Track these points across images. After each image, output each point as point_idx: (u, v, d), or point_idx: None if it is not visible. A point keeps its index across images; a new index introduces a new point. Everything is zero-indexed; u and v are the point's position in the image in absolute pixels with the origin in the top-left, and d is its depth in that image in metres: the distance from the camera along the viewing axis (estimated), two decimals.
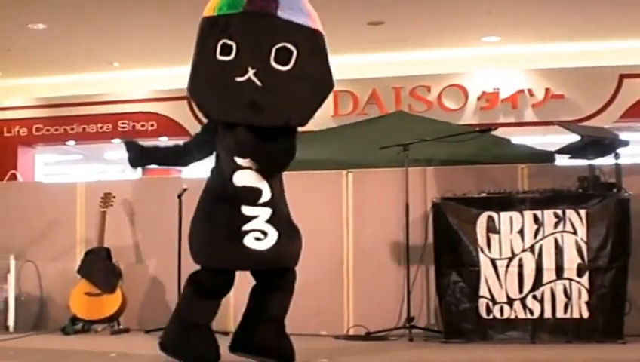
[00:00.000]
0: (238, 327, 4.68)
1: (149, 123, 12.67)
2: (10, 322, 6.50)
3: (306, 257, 4.62)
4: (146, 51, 11.36)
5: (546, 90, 11.26)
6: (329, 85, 4.48)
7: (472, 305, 5.49)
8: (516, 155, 6.56)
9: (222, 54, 4.36)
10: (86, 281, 6.34)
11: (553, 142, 7.32)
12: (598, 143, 5.66)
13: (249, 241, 4.32)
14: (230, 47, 4.36)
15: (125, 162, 4.87)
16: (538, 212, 5.49)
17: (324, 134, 7.59)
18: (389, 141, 6.03)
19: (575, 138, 5.72)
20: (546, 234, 5.46)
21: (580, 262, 5.40)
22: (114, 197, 6.52)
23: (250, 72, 4.33)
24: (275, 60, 4.35)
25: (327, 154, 6.78)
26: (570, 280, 5.39)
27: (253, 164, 4.38)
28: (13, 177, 8.09)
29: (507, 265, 5.48)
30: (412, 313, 5.78)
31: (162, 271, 6.46)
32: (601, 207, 5.43)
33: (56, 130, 13.01)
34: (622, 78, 10.98)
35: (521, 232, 5.49)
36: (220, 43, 4.36)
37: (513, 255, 5.49)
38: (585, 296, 5.36)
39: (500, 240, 5.51)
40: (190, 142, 4.76)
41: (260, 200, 4.38)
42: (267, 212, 4.38)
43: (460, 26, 10.25)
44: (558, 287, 5.40)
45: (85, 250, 6.56)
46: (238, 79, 4.33)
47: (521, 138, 8.56)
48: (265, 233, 4.35)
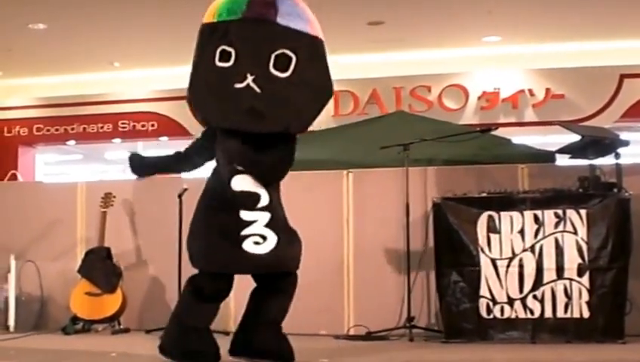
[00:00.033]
0: (238, 330, 4.68)
1: (150, 123, 12.67)
2: (11, 322, 6.50)
3: (307, 257, 4.61)
4: (146, 51, 11.36)
5: (547, 90, 11.26)
6: (328, 92, 4.46)
7: (473, 305, 5.48)
8: (517, 155, 6.55)
9: (221, 60, 4.35)
10: (86, 281, 6.34)
11: (554, 142, 7.31)
12: (599, 143, 5.66)
13: (248, 246, 4.32)
14: (229, 54, 4.34)
15: (125, 162, 4.88)
16: (538, 212, 5.48)
17: (325, 134, 7.58)
18: (390, 141, 6.03)
19: (575, 138, 5.72)
20: (546, 234, 5.45)
21: (581, 261, 5.39)
22: (114, 197, 6.52)
23: (249, 79, 4.31)
24: (274, 67, 4.33)
25: (327, 154, 6.78)
26: (571, 280, 5.39)
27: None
28: (14, 177, 8.08)
29: (507, 265, 5.47)
30: (412, 313, 5.77)
31: (163, 271, 6.46)
32: (602, 207, 5.43)
33: (56, 129, 13.00)
34: (622, 77, 10.98)
35: (521, 232, 5.49)
36: (219, 49, 4.35)
37: (514, 255, 5.48)
38: (585, 296, 5.36)
39: (501, 240, 5.50)
40: (190, 148, 4.74)
41: (259, 205, 4.37)
42: (266, 216, 4.37)
43: (461, 25, 10.24)
44: (559, 287, 5.40)
45: (86, 249, 6.56)
46: (237, 86, 4.32)
47: (521, 138, 8.54)
48: (264, 237, 4.34)
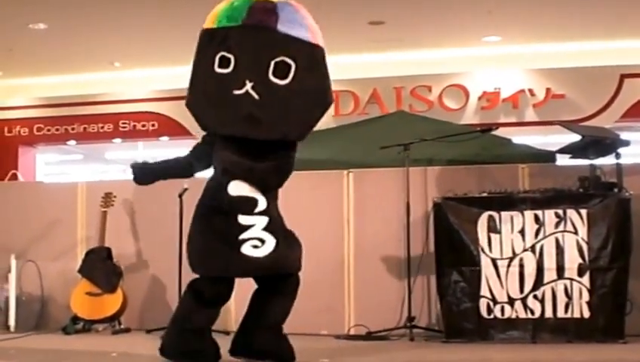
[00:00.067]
0: (238, 331, 4.68)
1: (150, 123, 12.66)
2: (11, 322, 6.50)
3: (307, 257, 4.62)
4: (146, 51, 11.35)
5: (547, 89, 11.25)
6: (327, 100, 4.44)
7: (473, 305, 5.48)
8: (517, 155, 6.55)
9: (220, 67, 4.35)
10: (87, 281, 6.34)
11: (554, 141, 7.32)
12: (599, 143, 5.66)
13: (247, 249, 4.32)
14: (228, 60, 4.34)
15: (126, 162, 4.88)
16: (539, 212, 5.48)
17: (325, 134, 7.53)
18: (390, 141, 6.03)
19: (576, 138, 5.72)
20: (546, 233, 5.45)
21: (581, 261, 5.39)
22: (115, 197, 6.51)
23: (248, 85, 4.30)
24: (273, 74, 4.31)
25: (327, 154, 6.77)
26: (571, 279, 5.39)
27: None
28: (14, 177, 8.08)
29: (508, 265, 5.47)
30: (413, 313, 5.77)
31: (163, 271, 6.46)
32: (602, 207, 5.43)
33: (57, 129, 13.00)
34: (623, 77, 10.97)
35: (522, 232, 5.48)
36: (219, 55, 4.35)
37: (514, 255, 5.48)
38: (586, 296, 5.36)
39: (501, 239, 5.50)
40: (190, 154, 4.74)
41: (256, 210, 4.37)
42: (263, 220, 4.38)
43: (461, 25, 10.24)
44: (559, 287, 5.40)
45: (86, 249, 6.56)
46: (236, 92, 4.32)
47: (521, 138, 8.53)
48: (262, 240, 4.34)
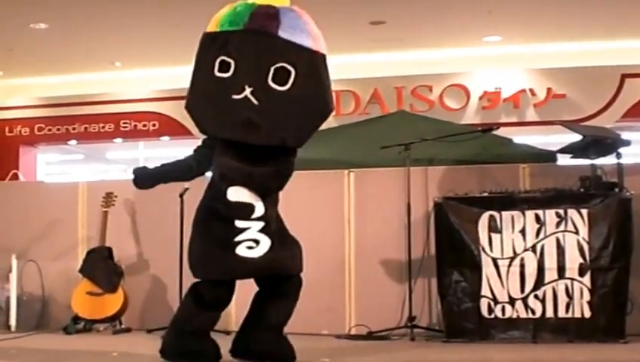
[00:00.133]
0: (239, 331, 4.68)
1: (151, 122, 12.65)
2: (12, 321, 6.50)
3: (308, 257, 4.62)
4: (147, 51, 11.36)
5: (548, 89, 11.25)
6: (327, 108, 4.41)
7: (474, 305, 5.48)
8: (518, 155, 6.55)
9: (220, 71, 4.34)
10: (88, 281, 6.34)
11: (555, 141, 7.32)
12: (600, 143, 5.66)
13: (241, 250, 4.32)
14: (228, 64, 4.33)
15: (127, 162, 4.88)
16: (540, 211, 5.48)
17: (326, 134, 7.48)
18: (391, 141, 6.03)
19: (577, 138, 5.72)
20: (547, 233, 5.45)
21: (582, 261, 5.39)
22: (116, 197, 6.52)
23: (247, 91, 4.30)
24: (272, 80, 4.29)
25: (328, 153, 6.77)
26: (572, 279, 5.38)
27: None
28: (15, 177, 8.09)
29: (509, 265, 5.47)
30: (414, 312, 5.78)
31: (164, 271, 6.46)
32: (603, 207, 5.42)
33: (58, 129, 13.00)
34: (623, 77, 10.97)
35: (522, 232, 5.48)
36: (219, 59, 4.34)
37: (515, 254, 5.48)
38: (587, 296, 5.36)
39: (502, 239, 5.50)
40: (191, 158, 4.74)
41: (253, 216, 4.37)
42: (260, 224, 4.37)
43: (461, 25, 10.24)
44: (560, 287, 5.40)
45: (87, 249, 6.56)
46: (235, 97, 4.31)
47: (522, 138, 8.54)
48: (257, 241, 4.34)
